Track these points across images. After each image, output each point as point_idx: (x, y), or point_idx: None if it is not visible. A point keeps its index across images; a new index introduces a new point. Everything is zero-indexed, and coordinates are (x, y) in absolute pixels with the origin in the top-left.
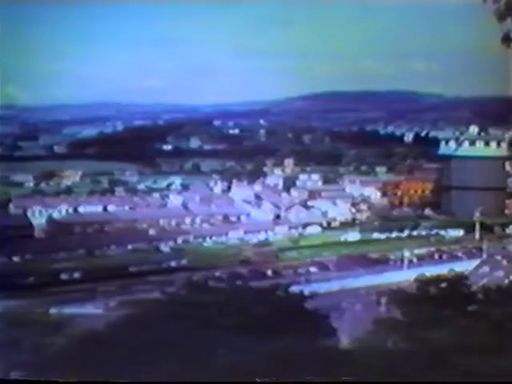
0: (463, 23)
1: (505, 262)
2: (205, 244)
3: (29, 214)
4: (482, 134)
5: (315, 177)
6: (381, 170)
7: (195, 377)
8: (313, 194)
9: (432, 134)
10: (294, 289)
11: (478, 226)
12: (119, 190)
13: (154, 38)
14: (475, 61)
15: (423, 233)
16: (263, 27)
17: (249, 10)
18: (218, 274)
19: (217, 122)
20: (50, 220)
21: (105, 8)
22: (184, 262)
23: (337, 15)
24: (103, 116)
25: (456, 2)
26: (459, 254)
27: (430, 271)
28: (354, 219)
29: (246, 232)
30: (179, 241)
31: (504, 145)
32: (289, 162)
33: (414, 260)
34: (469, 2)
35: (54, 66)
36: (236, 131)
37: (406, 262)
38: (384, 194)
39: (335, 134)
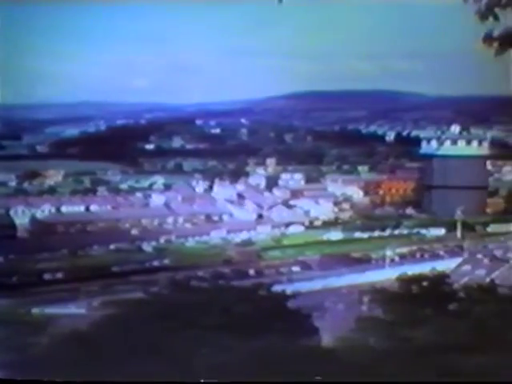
0: (445, 23)
1: (486, 261)
2: (187, 244)
3: (12, 213)
4: (464, 133)
5: (297, 176)
6: (363, 169)
7: (178, 376)
8: (295, 194)
9: (414, 133)
10: (277, 288)
11: (459, 225)
12: (101, 190)
13: (136, 37)
14: (457, 61)
15: (405, 232)
16: (246, 27)
17: (232, 11)
18: (200, 273)
19: (199, 122)
20: (33, 220)
21: (89, 8)
22: (166, 261)
23: (319, 15)
24: (86, 115)
25: (437, 2)
26: (441, 253)
27: (412, 270)
28: (336, 218)
29: (228, 231)
30: (162, 240)
31: (485, 144)
32: (271, 162)
33: (396, 259)
34: (450, 2)
35: (37, 65)
36: (218, 130)
37: (388, 260)
38: (366, 193)
39: (317, 134)
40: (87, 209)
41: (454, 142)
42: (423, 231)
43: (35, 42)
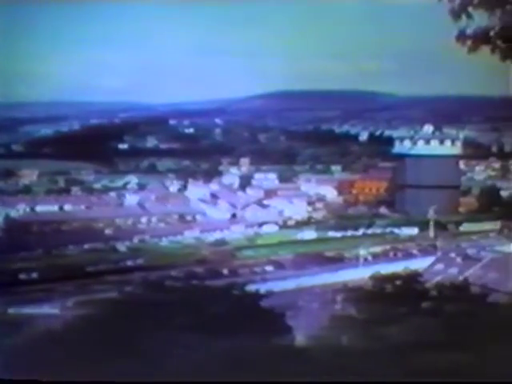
0: (418, 22)
1: (459, 260)
2: (161, 243)
3: None
4: (437, 132)
5: (271, 176)
6: (336, 168)
7: (151, 376)
8: (269, 193)
9: (387, 133)
10: (251, 287)
11: (432, 224)
12: (76, 190)
13: (110, 37)
14: (429, 60)
15: (378, 231)
16: (219, 27)
17: (205, 11)
18: (174, 273)
19: (173, 121)
20: (8, 219)
21: (63, 8)
22: (140, 261)
23: (292, 15)
24: (60, 115)
25: (411, 2)
26: (414, 252)
27: (386, 269)
28: (309, 218)
29: (202, 231)
30: (135, 240)
31: (458, 143)
32: (245, 161)
33: (370, 258)
34: (423, 2)
35: (11, 65)
36: (191, 130)
37: (361, 259)
38: (339, 192)
39: (291, 133)
40: (61, 208)
41: (427, 142)
42: (396, 230)
43: (9, 42)
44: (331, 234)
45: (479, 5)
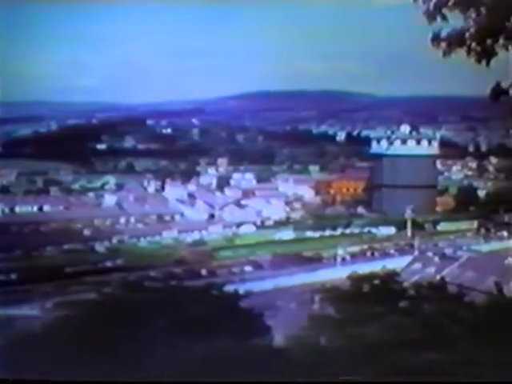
0: (394, 23)
1: (436, 259)
2: (140, 244)
3: None
4: (414, 132)
5: (249, 176)
6: (314, 168)
7: (130, 376)
8: (247, 193)
9: (364, 133)
10: (229, 288)
11: (409, 224)
12: (54, 190)
13: (87, 36)
14: (406, 61)
15: (356, 231)
16: (196, 27)
17: (183, 11)
18: (153, 273)
19: (150, 122)
20: None
21: (39, 7)
22: (119, 262)
23: (269, 15)
24: (38, 115)
25: (387, 2)
26: (391, 252)
27: (363, 269)
28: (287, 218)
29: (180, 231)
30: (114, 241)
31: (435, 143)
32: (222, 162)
33: (347, 258)
34: (399, 2)
35: None
36: (169, 130)
37: (339, 259)
38: (317, 192)
39: (268, 134)
40: (40, 209)
41: (404, 142)
42: (374, 230)
43: None
44: (309, 234)
45: (454, 6)
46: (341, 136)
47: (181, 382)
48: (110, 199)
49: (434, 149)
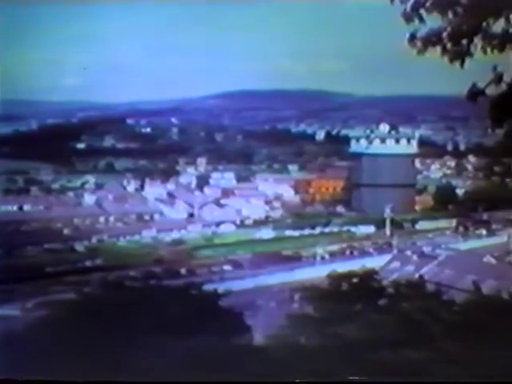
0: (373, 23)
1: (415, 257)
2: (119, 243)
3: None
4: (392, 132)
5: (228, 175)
6: (293, 168)
7: (110, 376)
8: (226, 193)
9: (343, 132)
10: (209, 287)
11: (388, 223)
12: (35, 189)
13: (67, 35)
14: (385, 61)
15: (335, 230)
16: (176, 26)
17: (162, 9)
18: (132, 273)
19: (130, 121)
20: None
21: (20, 6)
22: (99, 261)
23: (248, 14)
24: (18, 114)
25: (365, 2)
26: (370, 250)
27: (342, 267)
28: (267, 217)
29: (159, 231)
30: (94, 240)
31: (414, 142)
32: (201, 161)
33: (327, 256)
34: (378, 3)
35: None
36: (148, 130)
37: (318, 258)
38: (296, 191)
39: (248, 133)
40: (21, 208)
41: (383, 141)
42: (353, 229)
43: None
44: (289, 232)
45: (431, 7)
46: (320, 135)
47: (160, 381)
48: (89, 198)
49: (413, 148)
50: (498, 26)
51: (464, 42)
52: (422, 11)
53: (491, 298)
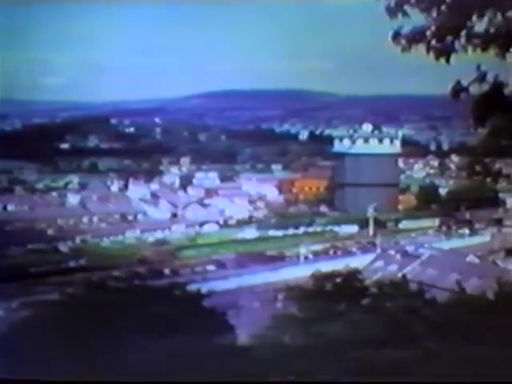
0: (356, 22)
1: (398, 257)
2: (103, 243)
3: None
4: (376, 131)
5: (212, 175)
6: (276, 167)
7: (94, 376)
8: (210, 192)
9: (326, 132)
10: (192, 287)
11: (371, 222)
12: (19, 189)
13: (51, 35)
14: (368, 60)
15: (319, 229)
16: (158, 26)
17: (146, 9)
18: (116, 273)
19: (113, 121)
20: None
21: (2, 6)
22: (83, 261)
23: (231, 14)
24: (2, 113)
25: (348, 2)
26: (354, 250)
27: (326, 267)
28: (250, 217)
29: (142, 231)
30: (77, 240)
31: (397, 142)
32: (185, 161)
33: (310, 256)
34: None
35: None
36: (132, 129)
37: (302, 258)
38: (280, 191)
39: (231, 133)
40: (5, 208)
41: (366, 141)
42: (336, 228)
43: None
44: (272, 232)
45: (415, 4)
46: (303, 135)
47: (144, 381)
48: (73, 199)
49: (396, 147)
50: (482, 25)
51: (449, 39)
52: (407, 7)
53: (474, 297)
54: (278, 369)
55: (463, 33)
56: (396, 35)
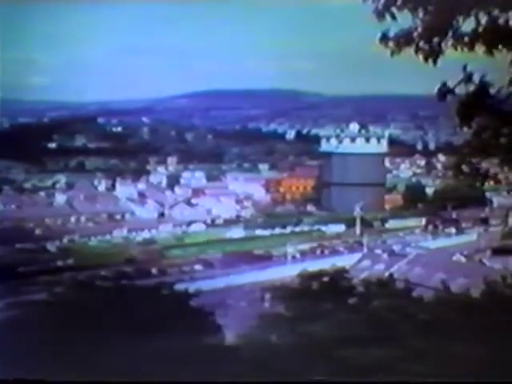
0: (343, 23)
1: (385, 256)
2: (90, 243)
3: None
4: (362, 131)
5: (199, 174)
6: (263, 167)
7: (81, 376)
8: (197, 192)
9: (313, 131)
10: (180, 287)
11: (358, 221)
12: (7, 189)
13: (37, 35)
14: (355, 60)
15: (306, 228)
16: (146, 26)
17: (132, 9)
18: (104, 273)
19: (101, 120)
20: None
21: None
22: (70, 261)
23: (220, 14)
24: None
25: (335, 3)
26: (340, 249)
27: (313, 266)
28: (238, 216)
29: (130, 230)
30: (65, 240)
31: (383, 141)
32: (172, 160)
33: (297, 255)
34: (349, 2)
35: None
36: (119, 129)
37: (289, 257)
38: (267, 190)
39: (218, 132)
40: None
41: (353, 140)
42: (323, 228)
43: None
44: (259, 232)
45: (403, 5)
46: (290, 134)
47: (131, 381)
48: (60, 198)
49: (383, 147)
50: (469, 24)
51: (436, 40)
52: (394, 9)
53: (460, 295)
54: (265, 368)
55: (450, 32)
56: (384, 37)
